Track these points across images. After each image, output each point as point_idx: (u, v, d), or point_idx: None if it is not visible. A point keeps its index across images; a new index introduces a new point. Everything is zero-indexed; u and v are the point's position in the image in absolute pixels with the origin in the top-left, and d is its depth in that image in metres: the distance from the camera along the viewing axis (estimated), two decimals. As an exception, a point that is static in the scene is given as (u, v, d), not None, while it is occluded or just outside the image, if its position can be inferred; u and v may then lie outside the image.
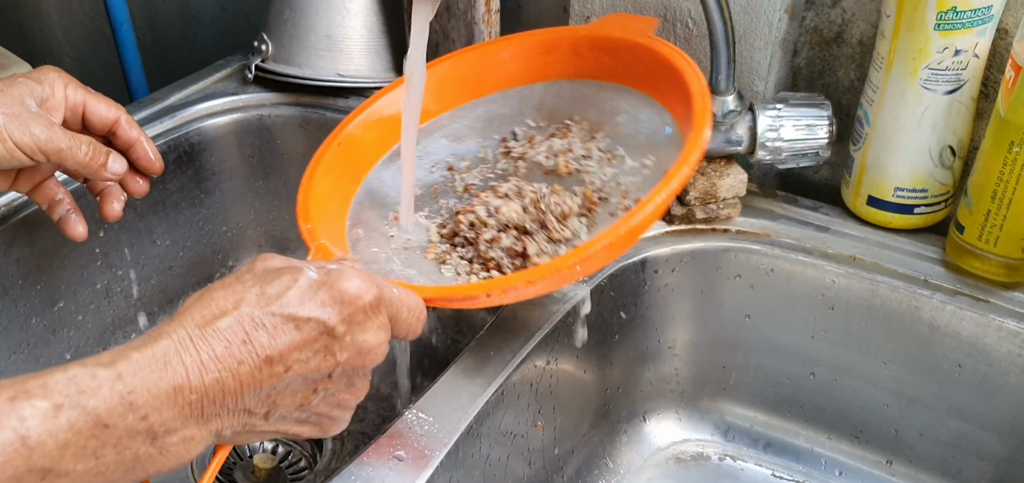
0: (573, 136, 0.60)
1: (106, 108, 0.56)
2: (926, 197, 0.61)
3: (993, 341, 0.57)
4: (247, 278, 0.39)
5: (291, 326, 0.38)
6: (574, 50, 0.61)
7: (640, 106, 0.59)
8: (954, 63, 0.56)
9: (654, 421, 0.70)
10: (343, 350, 0.40)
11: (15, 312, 0.67)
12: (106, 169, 0.55)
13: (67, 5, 1.19)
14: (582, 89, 0.61)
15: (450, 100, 0.63)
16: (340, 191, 0.57)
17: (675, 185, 0.47)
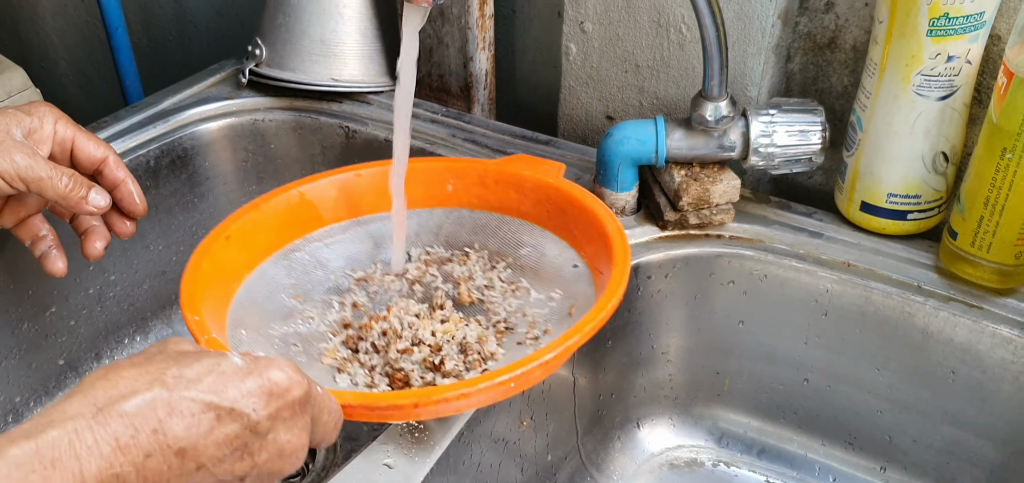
0: (473, 264, 0.60)
1: (94, 146, 0.56)
2: (919, 203, 0.61)
3: (986, 348, 0.57)
4: (158, 358, 0.35)
5: (211, 416, 0.33)
6: (480, 181, 0.61)
7: (545, 241, 0.59)
8: (947, 69, 0.56)
9: (647, 427, 0.70)
10: (263, 450, 0.35)
11: (7, 317, 0.67)
12: (87, 201, 0.54)
13: (62, 9, 1.19)
14: (483, 219, 0.62)
15: (343, 212, 0.61)
16: (222, 287, 0.53)
17: (614, 302, 0.49)
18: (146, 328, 0.78)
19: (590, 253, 0.57)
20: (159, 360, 0.35)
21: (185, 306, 0.49)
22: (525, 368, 0.44)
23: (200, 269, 0.52)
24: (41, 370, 0.70)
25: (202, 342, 0.45)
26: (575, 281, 0.57)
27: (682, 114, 0.64)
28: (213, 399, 0.34)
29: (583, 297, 0.55)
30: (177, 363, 0.34)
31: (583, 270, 0.57)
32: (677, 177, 0.63)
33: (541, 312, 0.56)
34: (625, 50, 0.71)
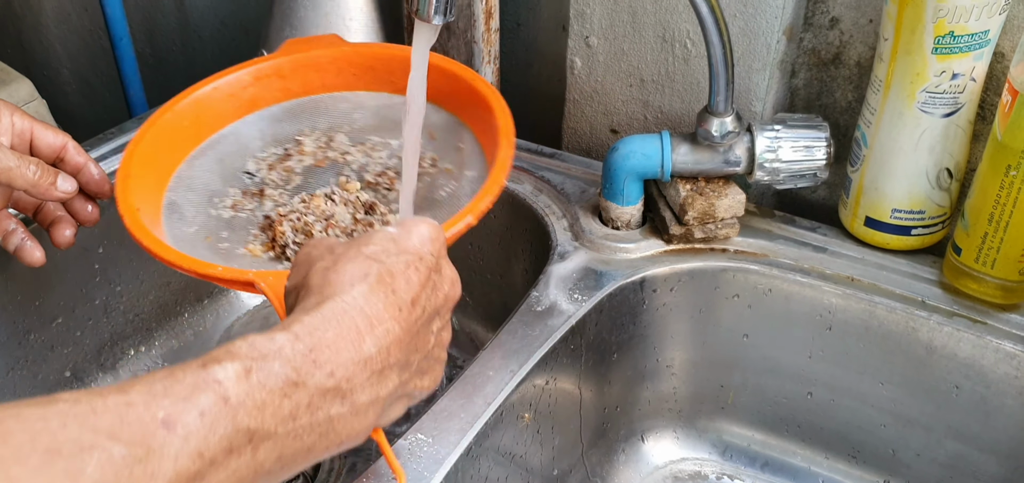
0: (307, 143, 0.61)
1: (53, 135, 0.57)
2: (923, 219, 0.61)
3: (990, 363, 0.57)
4: (341, 250, 0.40)
5: (412, 269, 0.39)
6: (277, 73, 0.63)
7: (368, 99, 0.62)
8: (951, 87, 0.56)
9: (652, 440, 0.70)
10: (443, 282, 0.42)
11: (13, 329, 0.67)
12: (55, 188, 0.55)
13: (66, 19, 1.19)
14: (294, 107, 0.63)
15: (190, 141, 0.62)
16: (152, 194, 0.55)
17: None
18: (151, 339, 0.78)
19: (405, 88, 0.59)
20: (346, 249, 0.40)
21: (200, 269, 0.48)
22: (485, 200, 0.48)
23: (157, 238, 0.51)
24: (47, 381, 0.70)
25: (254, 278, 0.47)
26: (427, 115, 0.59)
27: (687, 128, 0.65)
28: (406, 256, 0.40)
29: (441, 121, 0.59)
30: (363, 244, 0.40)
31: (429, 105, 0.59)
32: (682, 191, 0.63)
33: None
34: (630, 64, 0.71)
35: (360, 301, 0.37)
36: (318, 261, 0.40)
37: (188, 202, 0.58)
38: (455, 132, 0.58)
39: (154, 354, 0.78)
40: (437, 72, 0.58)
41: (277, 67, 0.63)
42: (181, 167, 0.60)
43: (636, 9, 0.68)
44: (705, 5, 0.54)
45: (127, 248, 0.74)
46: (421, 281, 0.40)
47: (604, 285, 0.62)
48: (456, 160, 0.57)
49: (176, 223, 0.56)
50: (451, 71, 0.59)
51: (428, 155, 0.58)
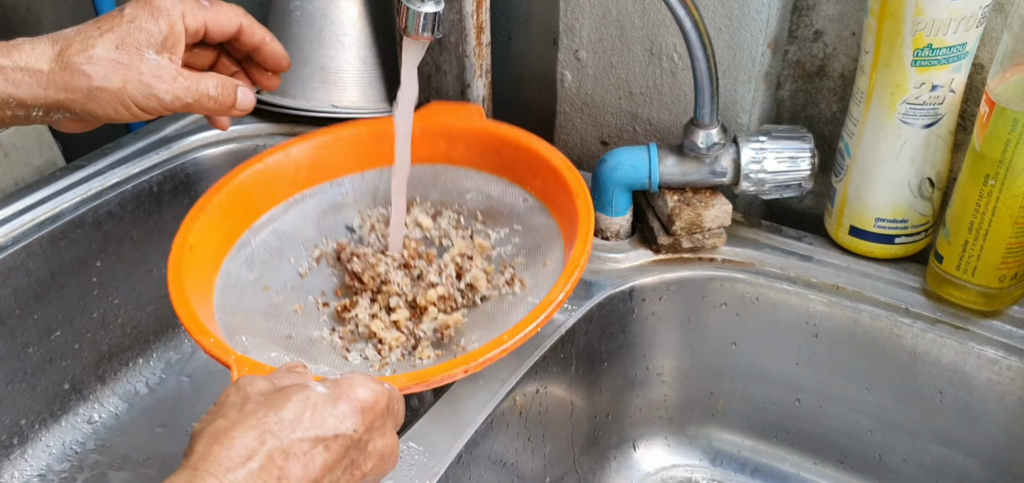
0: (418, 215, 0.61)
1: (226, 18, 0.53)
2: (906, 227, 0.62)
3: (973, 368, 0.58)
4: (251, 407, 0.37)
5: (320, 448, 0.36)
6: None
7: (487, 183, 0.61)
8: (931, 98, 0.57)
9: (643, 447, 0.71)
10: (367, 460, 0.39)
11: (12, 342, 0.68)
12: (236, 107, 0.53)
13: (65, 34, 1.20)
14: (418, 172, 0.62)
15: (281, 194, 0.61)
16: (204, 298, 0.53)
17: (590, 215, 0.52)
18: (148, 351, 0.79)
19: (537, 186, 0.58)
20: (253, 408, 0.37)
21: (195, 332, 0.48)
22: (555, 303, 0.47)
23: (184, 288, 0.50)
24: (46, 393, 0.71)
25: (233, 364, 0.46)
26: (530, 214, 0.58)
27: (675, 140, 0.66)
28: (318, 432, 0.36)
29: (544, 227, 0.57)
30: (272, 408, 0.36)
31: (534, 203, 0.58)
32: (670, 202, 0.64)
33: (507, 249, 0.58)
34: (619, 77, 0.72)
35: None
36: (219, 416, 0.37)
37: (265, 246, 0.56)
38: (550, 242, 0.56)
39: (152, 366, 0.79)
40: (549, 171, 0.56)
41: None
42: (276, 208, 0.58)
43: (624, 23, 0.70)
44: (689, 20, 0.56)
45: (124, 261, 0.75)
46: (326, 462, 0.36)
47: (594, 295, 0.63)
48: (535, 277, 0.55)
49: (240, 266, 0.54)
50: (564, 178, 0.56)
51: (516, 260, 0.57)
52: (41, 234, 0.68)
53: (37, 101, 0.47)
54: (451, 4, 0.72)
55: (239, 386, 0.39)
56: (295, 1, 0.78)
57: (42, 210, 0.69)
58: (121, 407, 0.76)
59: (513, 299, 0.55)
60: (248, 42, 0.55)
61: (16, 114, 0.48)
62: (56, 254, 0.69)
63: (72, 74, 0.47)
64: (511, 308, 0.54)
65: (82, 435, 0.73)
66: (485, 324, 0.55)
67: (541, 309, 0.48)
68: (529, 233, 0.57)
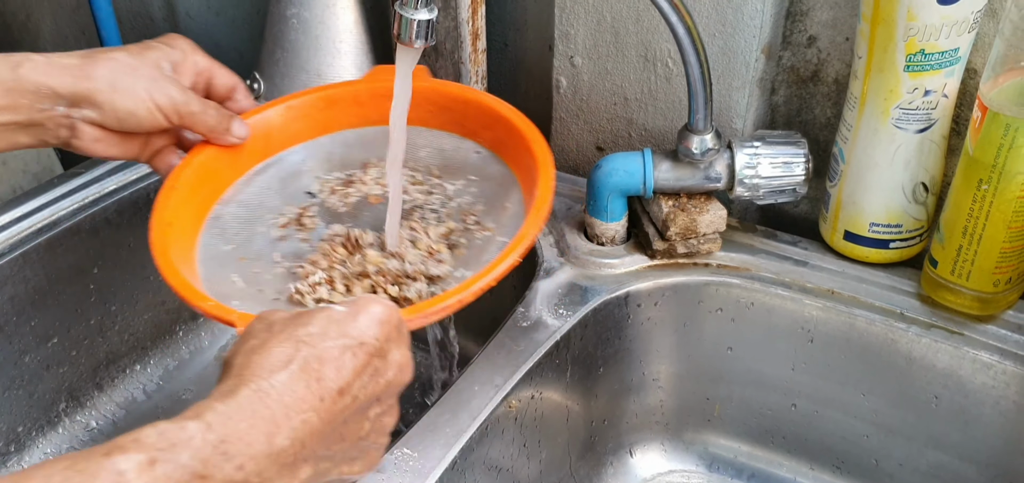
0: (371, 173, 0.62)
1: (227, 76, 0.59)
2: (901, 232, 0.62)
3: (968, 373, 0.58)
4: (278, 328, 0.39)
5: (349, 354, 0.39)
6: (355, 100, 0.63)
7: (438, 139, 0.62)
8: (924, 103, 0.57)
9: (639, 453, 0.71)
10: (388, 368, 0.41)
11: (9, 349, 0.68)
12: (230, 134, 0.58)
13: (63, 41, 1.20)
14: (371, 134, 0.63)
15: (247, 162, 0.62)
16: (189, 270, 0.53)
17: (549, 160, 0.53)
18: (146, 358, 0.79)
19: (488, 139, 0.60)
20: (281, 328, 0.39)
21: (192, 299, 0.48)
22: (527, 240, 0.48)
23: (172, 260, 0.51)
24: (43, 400, 0.71)
25: (237, 320, 0.46)
26: (484, 164, 0.59)
27: (670, 145, 0.66)
28: (344, 341, 0.39)
29: (500, 175, 0.58)
30: (301, 325, 0.39)
31: (487, 154, 0.60)
32: (665, 208, 0.64)
33: (465, 199, 0.58)
34: (614, 84, 0.73)
35: (279, 388, 0.36)
36: (251, 338, 0.39)
37: (235, 218, 0.58)
38: (507, 189, 0.58)
39: (150, 373, 0.79)
40: (500, 121, 0.58)
41: (354, 93, 0.63)
42: (239, 181, 0.60)
43: (619, 30, 0.70)
44: (682, 27, 0.56)
45: (122, 268, 0.75)
46: (356, 368, 0.39)
47: (589, 300, 0.63)
48: (500, 222, 0.56)
49: (214, 238, 0.56)
50: (513, 123, 0.58)
51: (477, 208, 0.58)
52: (38, 241, 0.68)
53: (66, 89, 0.51)
54: (447, 10, 0.73)
55: (261, 317, 0.41)
56: (291, 9, 0.78)
57: (39, 217, 0.70)
58: (119, 414, 0.76)
59: (482, 241, 0.56)
60: (237, 106, 0.60)
61: (44, 109, 0.52)
62: (53, 261, 0.69)
63: (97, 64, 0.52)
64: (482, 249, 0.55)
65: (80, 442, 0.73)
66: (463, 266, 0.55)
67: (520, 240, 0.49)
68: (486, 182, 0.59)
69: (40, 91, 0.51)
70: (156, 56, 0.55)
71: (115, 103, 0.52)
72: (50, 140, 0.53)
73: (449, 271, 0.54)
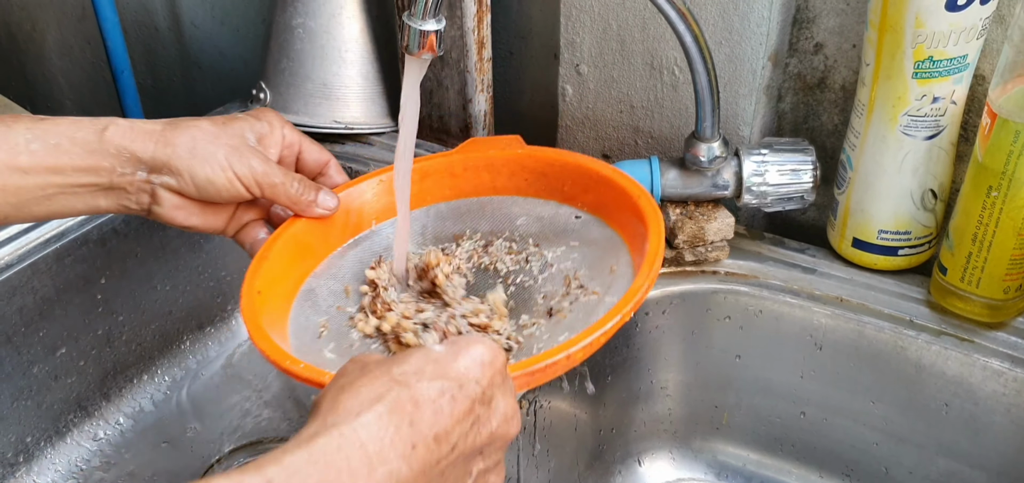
0: (469, 247, 0.59)
1: (318, 151, 0.58)
2: (909, 239, 0.62)
3: (978, 381, 0.58)
4: (373, 367, 0.36)
5: (447, 398, 0.35)
6: (449, 171, 0.62)
7: (535, 207, 0.60)
8: (933, 110, 0.57)
9: (648, 461, 0.70)
10: (491, 418, 0.37)
11: (18, 360, 0.68)
12: (317, 205, 0.56)
13: (69, 51, 1.21)
14: (464, 206, 0.61)
15: (337, 239, 0.60)
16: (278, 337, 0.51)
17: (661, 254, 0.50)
18: (153, 368, 0.79)
19: (589, 202, 0.58)
20: (375, 367, 0.36)
21: (282, 362, 0.45)
22: (640, 293, 0.46)
23: (261, 326, 0.49)
24: (51, 411, 0.71)
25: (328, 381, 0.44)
26: (585, 229, 0.57)
27: (677, 153, 0.66)
28: (443, 383, 0.35)
29: (603, 238, 0.56)
30: (396, 363, 0.36)
31: (588, 217, 0.58)
32: (672, 215, 0.64)
33: (566, 265, 0.56)
34: (620, 91, 0.73)
35: (362, 434, 0.32)
36: (341, 378, 0.36)
37: (326, 291, 0.56)
38: (613, 249, 0.55)
39: (157, 383, 0.79)
40: (601, 182, 0.56)
41: (449, 165, 0.62)
42: (332, 256, 0.58)
43: (624, 38, 0.70)
44: (689, 34, 0.56)
45: (129, 279, 0.75)
46: (457, 414, 0.35)
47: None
48: (605, 283, 0.53)
49: (307, 310, 0.54)
50: (616, 183, 0.56)
51: (579, 273, 0.55)
52: (46, 252, 0.68)
53: (147, 155, 0.51)
54: (453, 20, 0.73)
55: (355, 359, 0.38)
56: (297, 18, 0.78)
57: (47, 228, 0.70)
58: (126, 424, 0.76)
59: (587, 303, 0.53)
60: (330, 182, 0.59)
61: (125, 173, 0.52)
62: (61, 272, 0.69)
63: (178, 132, 0.52)
64: (590, 311, 0.52)
65: (87, 452, 0.73)
66: (568, 329, 0.52)
67: (632, 294, 0.46)
68: (587, 247, 0.56)
69: (122, 154, 0.51)
70: (240, 127, 0.54)
71: (194, 171, 0.51)
72: (132, 205, 0.53)
73: (541, 334, 0.51)
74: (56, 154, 0.50)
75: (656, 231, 0.51)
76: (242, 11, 1.01)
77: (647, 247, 0.50)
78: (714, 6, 0.65)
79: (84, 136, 0.51)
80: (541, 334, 0.51)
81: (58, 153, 0.50)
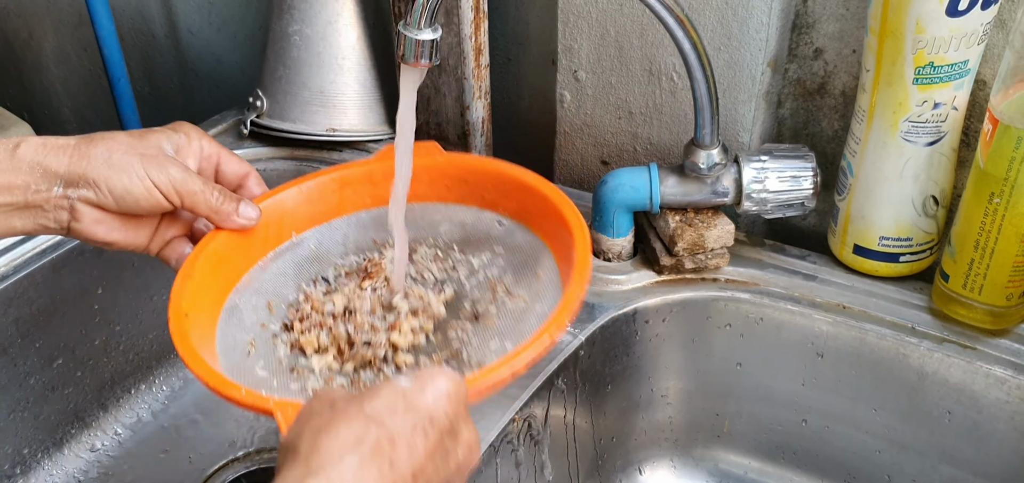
0: (388, 254, 0.59)
1: (238, 163, 0.57)
2: (911, 246, 0.62)
3: (981, 388, 0.58)
4: (342, 405, 0.36)
5: (420, 433, 0.36)
6: (369, 180, 0.61)
7: (457, 213, 0.59)
8: (933, 116, 0.57)
9: (649, 470, 0.70)
10: (457, 448, 0.38)
11: (14, 371, 0.68)
12: (237, 215, 0.54)
13: (66, 59, 1.21)
14: (383, 214, 0.59)
15: (260, 250, 0.59)
16: (210, 355, 0.50)
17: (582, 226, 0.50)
18: (151, 377, 0.79)
19: (511, 208, 0.57)
20: (346, 406, 0.36)
21: (222, 388, 0.45)
22: (575, 300, 0.46)
23: (194, 349, 0.49)
24: (48, 422, 0.71)
25: (274, 407, 0.43)
26: (508, 235, 0.57)
27: (676, 160, 0.65)
28: (415, 419, 0.36)
29: (527, 244, 0.56)
30: (367, 400, 0.36)
31: (511, 224, 0.57)
32: (672, 223, 0.64)
33: (492, 271, 0.56)
34: (618, 98, 0.72)
35: (347, 477, 0.33)
36: (314, 417, 0.36)
37: (250, 307, 0.56)
38: (537, 256, 0.55)
39: (155, 392, 0.79)
40: (523, 189, 0.56)
41: (368, 173, 0.61)
42: (254, 269, 0.57)
43: (623, 44, 0.69)
44: (687, 41, 0.55)
45: (125, 289, 0.74)
46: (429, 449, 0.36)
47: (596, 317, 0.63)
48: (532, 289, 0.53)
49: (233, 328, 0.54)
50: (538, 190, 0.56)
51: (505, 279, 0.55)
52: (42, 263, 0.68)
53: (62, 168, 0.50)
54: (449, 27, 0.72)
55: (318, 396, 0.38)
56: (294, 25, 0.78)
57: (43, 238, 0.69)
58: (124, 434, 0.76)
59: (515, 309, 0.53)
60: (251, 194, 0.57)
61: (40, 190, 0.50)
62: (57, 282, 0.69)
63: (94, 144, 0.51)
64: (520, 318, 0.52)
65: (85, 463, 0.73)
66: (497, 336, 0.52)
67: (569, 300, 0.46)
68: (512, 253, 0.56)
69: (35, 170, 0.50)
70: (157, 138, 0.53)
71: (111, 181, 0.50)
72: (49, 224, 0.52)
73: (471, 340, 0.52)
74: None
75: (581, 238, 0.51)
76: (239, 18, 1.01)
77: (574, 255, 0.50)
78: (713, 12, 0.64)
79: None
80: (470, 339, 0.52)
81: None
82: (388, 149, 0.61)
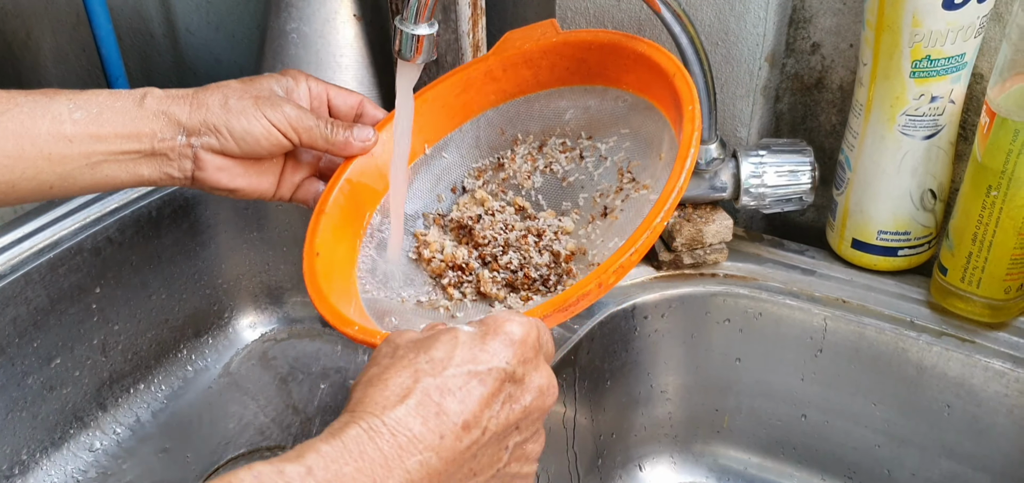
0: (526, 152, 0.59)
1: (347, 95, 0.58)
2: (909, 240, 0.62)
3: (980, 381, 0.58)
4: (401, 353, 0.37)
5: (475, 382, 0.36)
6: (489, 76, 0.60)
7: (583, 97, 0.59)
8: (931, 109, 0.57)
9: (649, 466, 0.70)
10: (524, 394, 0.38)
11: (12, 371, 0.67)
12: (355, 140, 0.55)
13: (64, 59, 1.20)
14: (512, 110, 0.60)
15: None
16: (346, 292, 0.52)
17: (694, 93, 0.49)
18: (149, 376, 0.79)
19: (632, 82, 0.56)
20: (404, 354, 0.37)
21: (338, 324, 0.46)
22: (673, 194, 0.45)
23: (321, 289, 0.49)
24: (47, 422, 0.71)
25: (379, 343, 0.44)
26: (632, 113, 0.56)
27: (674, 155, 0.65)
28: (471, 367, 0.36)
29: (650, 121, 0.55)
30: (423, 350, 0.37)
31: (634, 99, 0.56)
32: (671, 218, 0.64)
33: (619, 156, 0.56)
34: (617, 93, 0.72)
35: (393, 425, 0.33)
36: (374, 365, 0.37)
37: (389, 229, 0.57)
38: (659, 134, 0.54)
39: (154, 391, 0.79)
40: (640, 60, 0.54)
41: (487, 70, 0.60)
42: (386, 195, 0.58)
43: (621, 39, 0.69)
44: (685, 36, 0.55)
45: (124, 287, 0.74)
46: (483, 397, 0.36)
47: (595, 313, 0.63)
48: (653, 174, 0.53)
49: (371, 252, 0.55)
50: (657, 64, 0.53)
51: (632, 163, 0.55)
52: (40, 262, 0.68)
53: (185, 117, 0.52)
54: (447, 23, 0.72)
55: (389, 340, 0.39)
56: (291, 23, 0.78)
57: (41, 237, 0.69)
58: (123, 434, 0.76)
59: (638, 199, 0.53)
60: (370, 119, 0.58)
61: (165, 138, 0.52)
62: (55, 281, 0.69)
63: (209, 92, 0.53)
64: (639, 210, 0.52)
65: (84, 463, 0.73)
66: (618, 234, 0.52)
67: (661, 203, 0.45)
68: (636, 133, 0.55)
69: (160, 118, 0.51)
70: (267, 82, 0.55)
71: (230, 124, 0.52)
72: (174, 173, 0.53)
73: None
74: (99, 122, 0.50)
75: (689, 117, 0.48)
76: (237, 17, 1.01)
77: (681, 137, 0.48)
78: (710, 7, 0.64)
79: (123, 104, 0.51)
80: (596, 237, 0.53)
81: (101, 121, 0.50)
82: (504, 38, 0.61)
